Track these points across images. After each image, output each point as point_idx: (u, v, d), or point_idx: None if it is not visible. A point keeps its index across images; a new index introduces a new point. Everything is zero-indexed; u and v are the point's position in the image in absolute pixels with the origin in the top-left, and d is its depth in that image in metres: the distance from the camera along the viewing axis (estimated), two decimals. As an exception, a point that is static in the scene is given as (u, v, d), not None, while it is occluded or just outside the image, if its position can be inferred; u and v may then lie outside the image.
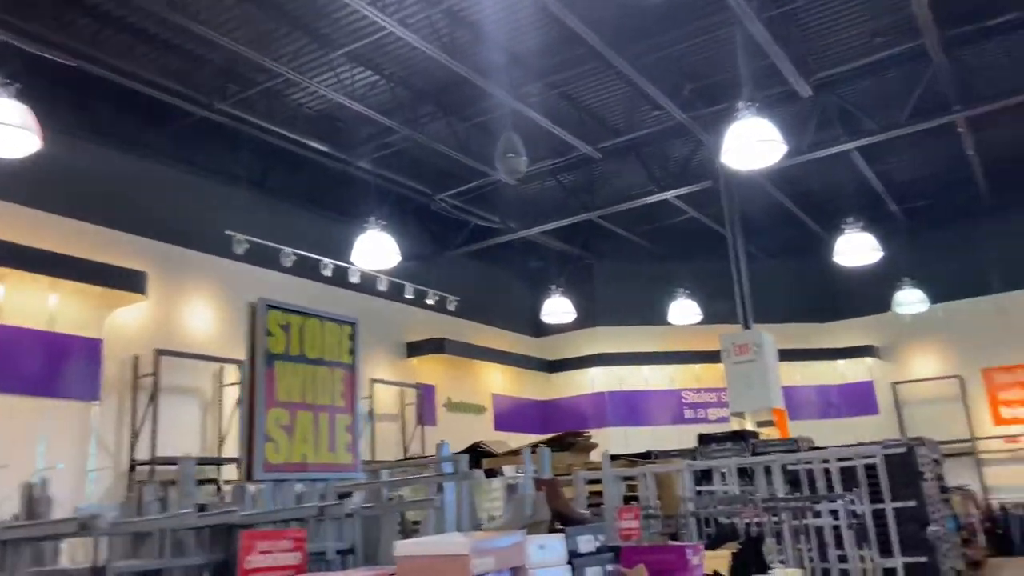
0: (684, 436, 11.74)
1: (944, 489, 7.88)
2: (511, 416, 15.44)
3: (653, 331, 16.11)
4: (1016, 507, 14.00)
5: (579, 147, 10.90)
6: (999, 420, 14.77)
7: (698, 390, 16.15)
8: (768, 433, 9.97)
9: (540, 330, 16.79)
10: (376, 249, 9.89)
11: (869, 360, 16.09)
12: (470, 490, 3.39)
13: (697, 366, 15.78)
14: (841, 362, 16.39)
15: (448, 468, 3.43)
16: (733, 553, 4.11)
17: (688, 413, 16.20)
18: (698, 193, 13.70)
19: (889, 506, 6.07)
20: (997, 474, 14.48)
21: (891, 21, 8.97)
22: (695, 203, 13.93)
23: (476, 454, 8.76)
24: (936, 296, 14.99)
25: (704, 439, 8.93)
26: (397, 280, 11.85)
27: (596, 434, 15.97)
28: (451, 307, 12.82)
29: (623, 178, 12.65)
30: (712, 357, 12.98)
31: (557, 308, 13.39)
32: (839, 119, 10.37)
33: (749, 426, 10.72)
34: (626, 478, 7.09)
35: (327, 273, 10.75)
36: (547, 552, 2.65)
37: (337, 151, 10.64)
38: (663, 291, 15.40)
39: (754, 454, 8.52)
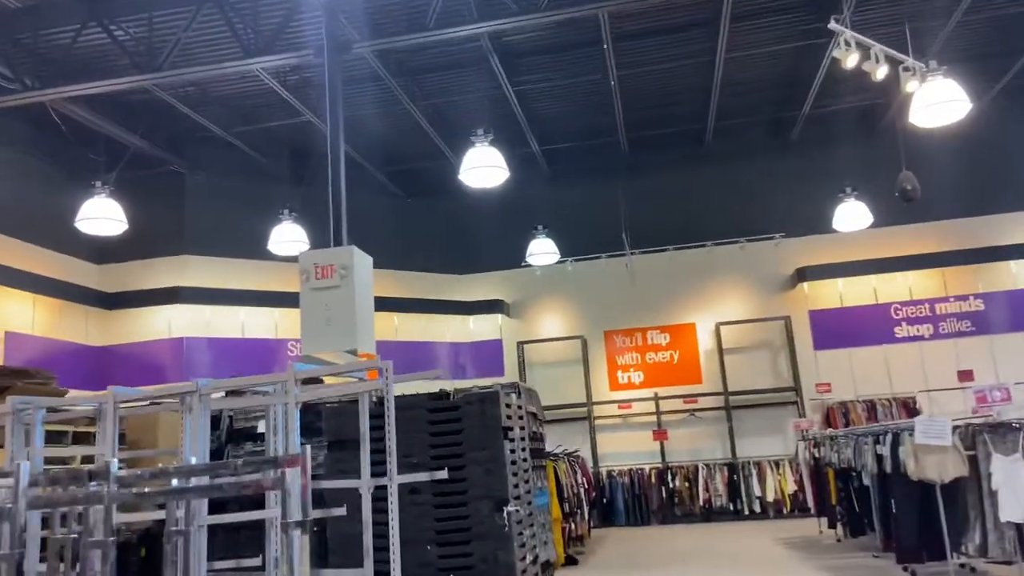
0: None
1: (540, 453, 6.00)
2: (40, 365, 11.17)
3: (256, 266, 12.96)
4: (622, 475, 13.53)
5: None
6: (615, 385, 14.29)
7: (307, 342, 13.36)
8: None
9: (105, 255, 12.68)
10: None
11: (500, 317, 14.74)
12: None
13: (307, 312, 12.96)
14: (472, 318, 14.85)
15: None
16: None
17: (295, 369, 13.37)
18: (313, 96, 10.92)
19: (411, 478, 3.75)
20: (609, 440, 13.95)
21: None
22: (311, 104, 11.09)
23: None
24: (568, 250, 14.02)
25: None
26: None
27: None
28: None
29: (198, 35, 9.28)
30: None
31: (98, 212, 9.57)
32: (473, -7, 8.21)
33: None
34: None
35: None
36: None
37: None
38: (271, 216, 12.34)
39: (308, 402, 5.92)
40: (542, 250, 13.44)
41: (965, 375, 12.82)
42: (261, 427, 5.91)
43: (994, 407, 5.74)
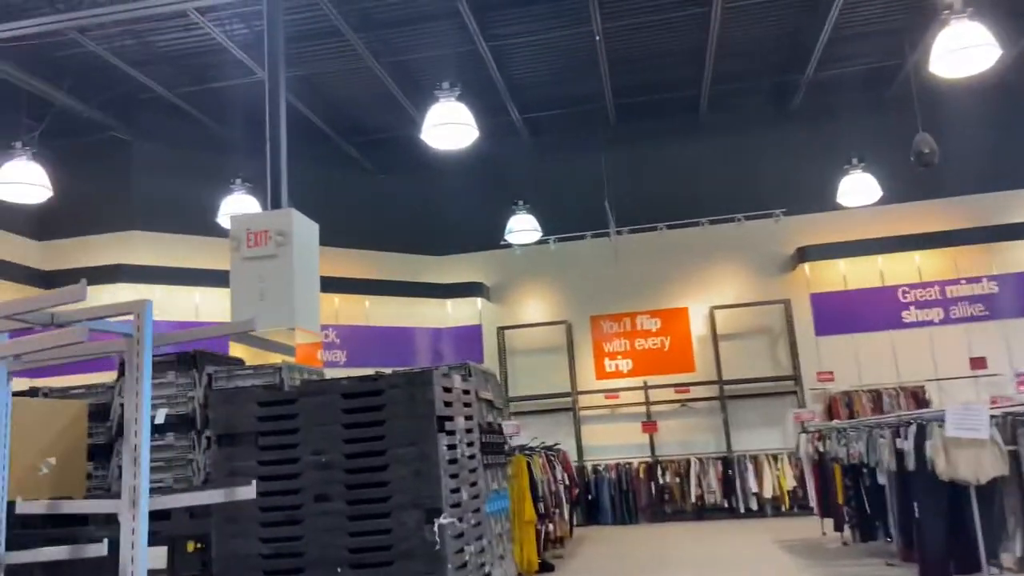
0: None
1: (498, 448, 5.01)
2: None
3: (211, 244, 11.93)
4: (608, 470, 12.57)
5: None
6: (602, 373, 13.32)
7: (269, 326, 12.35)
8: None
9: (45, 232, 11.67)
10: None
11: (479, 301, 13.74)
12: None
13: (267, 294, 11.94)
14: (450, 302, 13.84)
15: None
16: None
17: (256, 356, 12.37)
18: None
19: (170, 502, 2.72)
20: (594, 433, 12.98)
21: None
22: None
23: None
24: (552, 229, 13.03)
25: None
26: None
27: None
28: None
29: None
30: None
31: (19, 176, 8.52)
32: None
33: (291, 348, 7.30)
34: None
35: None
36: None
37: None
38: (226, 189, 11.29)
39: (212, 387, 4.97)
40: (523, 227, 12.45)
41: (978, 363, 11.89)
42: (160, 416, 4.92)
43: (1042, 393, 4.77)
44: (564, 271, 13.49)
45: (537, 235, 12.52)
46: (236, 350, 7.37)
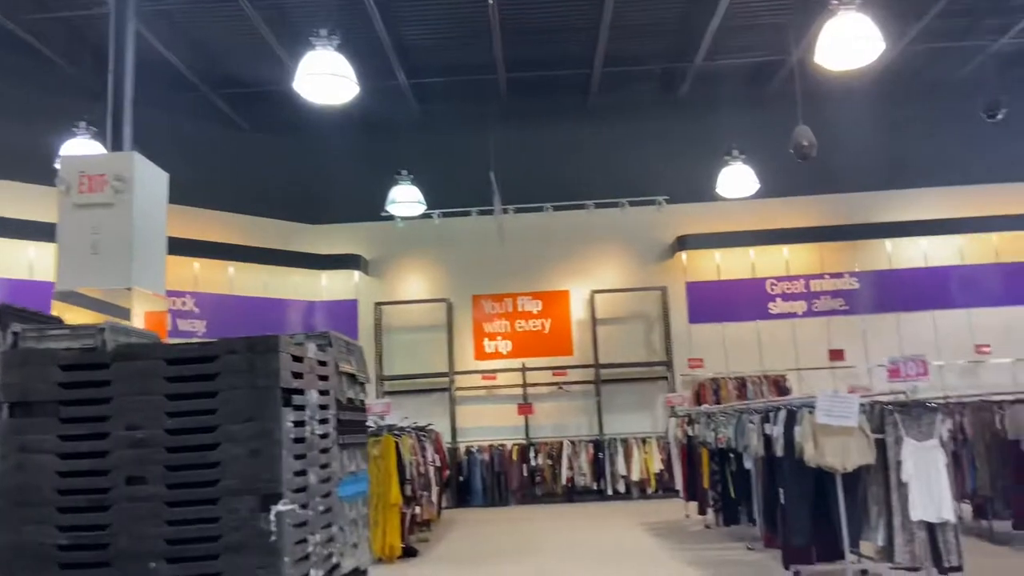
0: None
1: (358, 427, 4.55)
2: None
3: (49, 194, 10.67)
4: (482, 451, 12.31)
5: None
6: (481, 354, 13.03)
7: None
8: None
9: None
10: None
11: (356, 274, 13.11)
12: None
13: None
14: (325, 274, 13.12)
15: None
16: None
17: (102, 322, 11.21)
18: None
19: None
20: (470, 414, 12.68)
21: None
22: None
23: None
24: (436, 202, 12.54)
25: (-86, 321, 4.27)
26: None
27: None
28: None
29: None
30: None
31: None
32: None
33: (138, 317, 6.48)
34: None
35: None
36: None
37: None
38: (65, 132, 10.09)
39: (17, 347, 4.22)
40: (406, 198, 11.90)
41: (836, 354, 12.43)
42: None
43: (908, 382, 4.83)
44: (447, 247, 13.07)
45: (421, 208, 12.02)
46: (61, 312, 6.49)
